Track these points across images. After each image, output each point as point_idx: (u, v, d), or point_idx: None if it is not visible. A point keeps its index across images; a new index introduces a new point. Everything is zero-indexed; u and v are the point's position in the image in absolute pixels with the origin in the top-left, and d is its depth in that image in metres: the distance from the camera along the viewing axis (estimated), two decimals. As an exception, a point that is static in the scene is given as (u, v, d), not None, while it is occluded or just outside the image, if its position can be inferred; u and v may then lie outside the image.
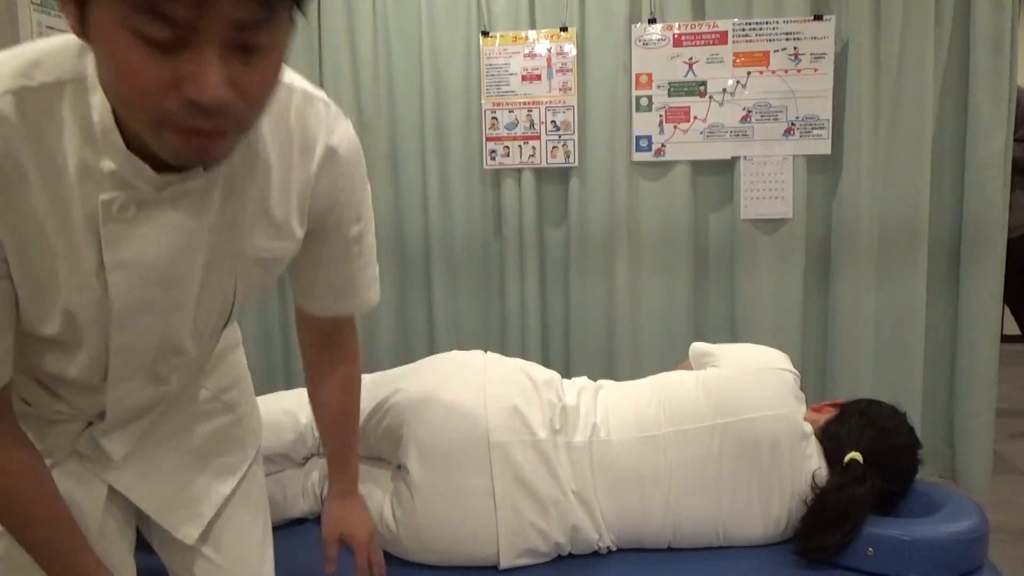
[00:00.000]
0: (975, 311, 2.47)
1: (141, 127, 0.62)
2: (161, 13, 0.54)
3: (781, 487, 1.41)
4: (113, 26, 0.56)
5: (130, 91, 0.59)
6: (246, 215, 0.80)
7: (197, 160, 0.67)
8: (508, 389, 1.44)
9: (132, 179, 0.69)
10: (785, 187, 2.56)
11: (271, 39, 0.60)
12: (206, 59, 0.57)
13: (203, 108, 0.58)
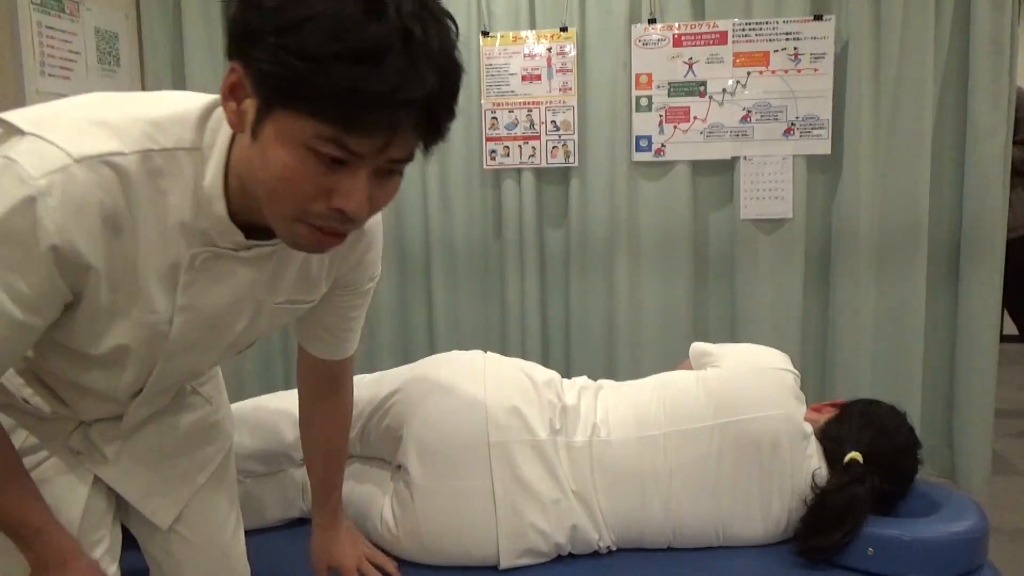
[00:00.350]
0: (975, 311, 2.47)
1: (275, 216, 0.72)
2: (345, 145, 0.65)
3: (781, 487, 1.41)
4: (293, 138, 0.65)
5: (286, 191, 0.68)
6: (289, 273, 0.91)
7: (317, 248, 0.76)
8: (508, 389, 1.44)
9: (220, 239, 0.80)
10: (785, 187, 2.56)
11: (402, 169, 0.72)
12: (360, 179, 0.68)
13: (347, 217, 0.69)
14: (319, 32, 0.61)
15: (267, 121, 0.67)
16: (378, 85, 0.62)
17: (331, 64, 0.61)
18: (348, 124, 0.64)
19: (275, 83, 0.65)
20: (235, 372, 2.91)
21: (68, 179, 0.69)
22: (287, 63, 0.62)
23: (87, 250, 0.72)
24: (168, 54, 2.89)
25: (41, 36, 2.39)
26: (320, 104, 0.63)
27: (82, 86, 2.57)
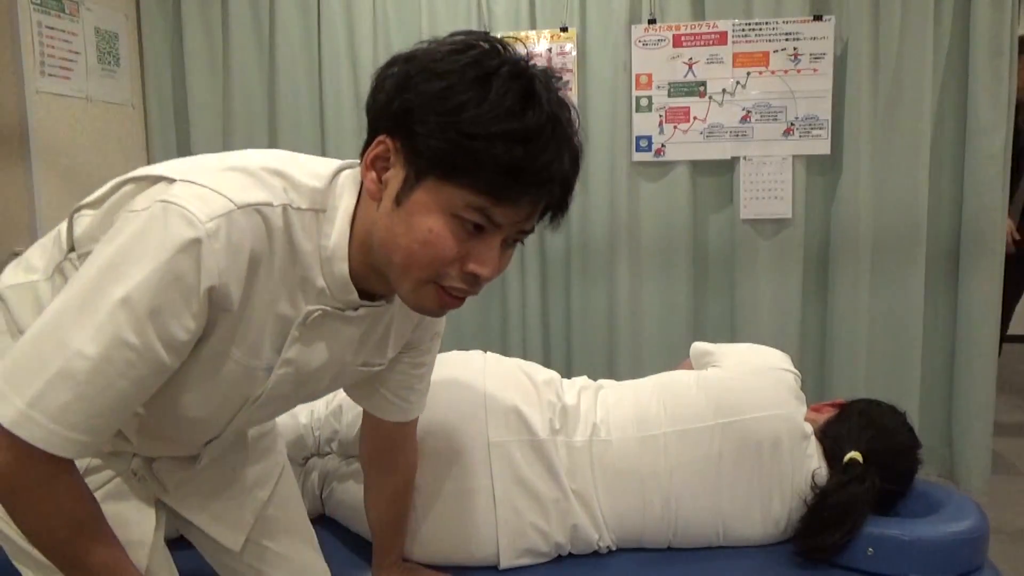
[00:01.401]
0: (974, 311, 2.48)
1: (404, 277, 0.77)
2: (491, 216, 0.73)
3: (781, 487, 1.41)
4: (442, 206, 0.73)
5: (427, 255, 0.74)
6: (375, 337, 0.96)
7: (439, 312, 0.82)
8: (508, 389, 1.44)
9: (334, 299, 0.84)
10: (785, 187, 2.56)
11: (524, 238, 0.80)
12: (494, 247, 0.76)
13: (478, 280, 0.77)
14: (486, 115, 0.70)
15: (417, 190, 0.74)
16: (534, 163, 0.71)
17: (497, 142, 0.70)
18: (500, 197, 0.72)
19: (437, 156, 0.72)
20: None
21: (231, 223, 0.73)
22: (453, 140, 0.70)
23: (235, 293, 0.76)
24: (168, 54, 2.89)
25: (41, 36, 2.39)
26: (479, 177, 0.71)
27: (82, 86, 2.57)
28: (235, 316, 0.78)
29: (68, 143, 2.51)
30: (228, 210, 0.73)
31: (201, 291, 0.73)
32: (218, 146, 2.86)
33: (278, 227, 0.78)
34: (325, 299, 0.84)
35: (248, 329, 0.81)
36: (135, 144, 2.85)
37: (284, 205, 0.78)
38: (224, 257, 0.73)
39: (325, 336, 0.87)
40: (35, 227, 2.38)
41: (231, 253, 0.73)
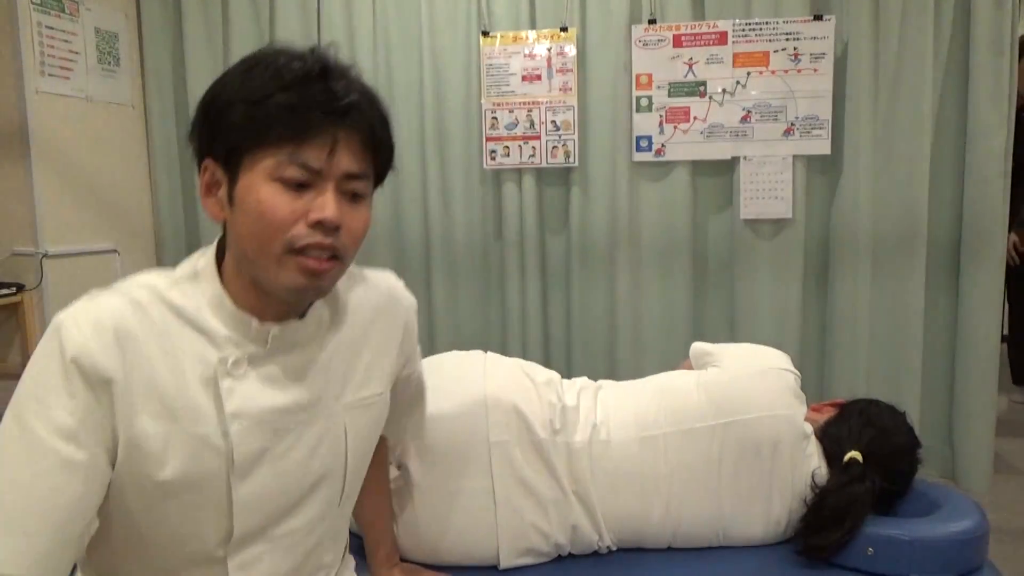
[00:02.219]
0: (975, 311, 2.47)
1: (267, 261, 0.79)
2: (302, 162, 0.77)
3: (781, 487, 1.41)
4: (260, 178, 0.78)
5: (269, 225, 0.78)
6: (338, 366, 0.93)
7: (312, 284, 0.81)
8: (508, 389, 1.44)
9: (241, 338, 0.84)
10: (785, 187, 2.56)
11: (365, 191, 0.84)
12: (328, 194, 0.79)
13: (324, 225, 0.78)
14: (259, 78, 0.79)
15: (238, 181, 0.79)
16: (308, 98, 0.77)
17: (273, 97, 0.77)
18: (296, 140, 0.77)
19: (234, 135, 0.79)
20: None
21: (91, 304, 0.79)
22: (242, 112, 0.78)
23: (107, 362, 0.77)
24: (168, 54, 2.89)
25: (41, 36, 2.40)
26: (271, 130, 0.77)
27: (82, 86, 2.57)
28: (130, 388, 0.78)
29: (68, 143, 2.51)
30: (88, 297, 0.80)
31: (67, 362, 0.75)
32: (218, 146, 2.87)
33: (148, 301, 0.82)
34: (238, 344, 0.84)
35: (164, 396, 0.80)
36: (135, 144, 2.85)
37: (150, 286, 0.84)
38: (87, 330, 0.77)
39: (264, 381, 0.86)
40: (35, 227, 2.38)
41: (93, 326, 0.77)
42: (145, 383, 0.79)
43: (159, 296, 0.83)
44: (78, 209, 2.56)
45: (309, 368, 0.89)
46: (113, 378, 0.77)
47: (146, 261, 2.88)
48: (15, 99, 2.34)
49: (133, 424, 0.78)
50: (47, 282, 2.39)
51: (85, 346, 0.76)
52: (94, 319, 0.77)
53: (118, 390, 0.78)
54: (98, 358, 0.76)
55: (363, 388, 0.96)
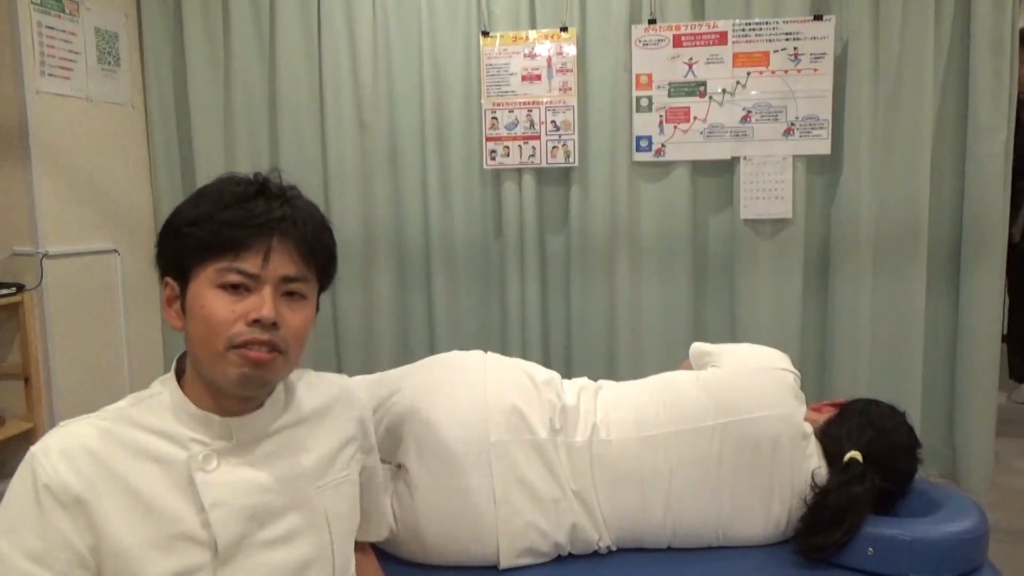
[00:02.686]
0: (975, 311, 2.47)
1: (213, 359, 0.87)
2: (238, 268, 0.87)
3: (781, 487, 1.41)
4: (205, 286, 0.87)
5: (212, 326, 0.86)
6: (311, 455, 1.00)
7: (256, 374, 0.88)
8: (508, 389, 1.44)
9: (206, 436, 0.91)
10: (785, 187, 2.56)
11: (304, 292, 0.92)
12: (265, 295, 0.88)
13: (261, 323, 0.87)
14: (207, 203, 0.89)
15: (188, 291, 0.89)
16: (244, 215, 0.88)
17: (216, 215, 0.88)
18: (235, 250, 0.87)
19: (184, 253, 0.89)
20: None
21: (55, 436, 0.86)
22: (191, 233, 0.88)
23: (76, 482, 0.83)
24: (168, 54, 2.89)
25: (41, 36, 2.40)
26: (212, 244, 0.87)
27: (82, 86, 2.57)
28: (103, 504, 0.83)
29: (68, 143, 2.51)
30: (57, 427, 0.87)
31: (39, 488, 0.82)
32: (219, 146, 2.87)
33: (113, 422, 0.88)
34: (204, 443, 0.90)
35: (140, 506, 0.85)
36: (135, 144, 2.85)
37: (114, 410, 0.90)
38: (55, 456, 0.83)
39: (236, 472, 0.91)
40: (35, 227, 2.38)
41: (62, 451, 0.84)
42: (119, 497, 0.85)
43: (123, 417, 0.90)
44: (78, 209, 2.56)
45: (277, 455, 0.96)
46: (85, 497, 0.83)
47: (146, 261, 2.88)
48: (15, 99, 2.34)
49: (111, 535, 0.83)
50: (47, 282, 2.39)
51: (55, 470, 0.83)
52: (63, 446, 0.85)
53: (92, 508, 0.83)
54: (68, 480, 0.83)
55: (331, 471, 1.02)
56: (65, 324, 2.48)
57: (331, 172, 2.82)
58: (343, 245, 2.87)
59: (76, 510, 0.82)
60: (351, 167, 2.81)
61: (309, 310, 0.94)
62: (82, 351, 2.56)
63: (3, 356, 2.41)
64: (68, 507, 0.82)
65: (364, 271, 2.83)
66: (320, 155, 2.85)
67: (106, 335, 2.67)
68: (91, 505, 0.83)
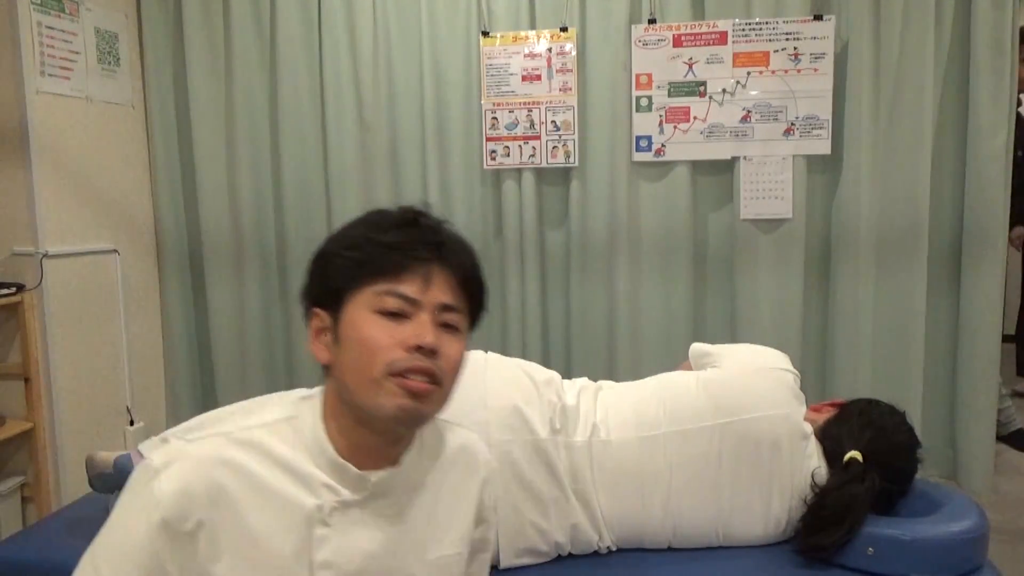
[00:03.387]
0: (976, 311, 2.47)
1: (369, 389, 0.82)
2: (398, 292, 0.83)
3: (781, 487, 1.41)
4: (363, 312, 0.83)
5: (370, 354, 0.81)
6: (421, 521, 0.93)
7: (413, 407, 0.82)
8: (508, 388, 1.44)
9: (338, 485, 0.86)
10: (785, 187, 2.56)
11: (458, 325, 0.87)
12: (424, 322, 0.83)
13: (423, 349, 0.82)
14: (361, 228, 0.87)
15: (342, 320, 0.84)
16: (405, 238, 0.85)
17: (375, 237, 0.85)
18: (395, 272, 0.83)
19: (338, 279, 0.85)
20: (238, 372, 2.91)
21: (182, 460, 0.81)
22: (349, 256, 0.85)
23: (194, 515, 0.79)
24: (168, 54, 2.89)
25: (41, 36, 2.39)
26: (369, 269, 0.84)
27: (82, 86, 2.57)
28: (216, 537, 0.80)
29: (68, 143, 2.51)
30: (185, 443, 0.82)
31: (154, 522, 0.78)
32: (220, 146, 2.87)
33: (246, 450, 0.84)
34: (334, 491, 0.86)
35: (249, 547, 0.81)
36: (135, 144, 2.85)
37: (247, 431, 0.85)
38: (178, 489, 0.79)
39: (354, 530, 0.86)
40: (35, 227, 2.38)
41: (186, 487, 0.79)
42: (233, 533, 0.81)
43: (255, 443, 0.85)
44: (78, 209, 2.56)
45: (397, 519, 0.90)
46: (199, 532, 0.79)
47: (146, 261, 2.88)
48: (15, 99, 2.34)
49: (210, 571, 0.80)
50: (47, 282, 2.39)
51: (177, 506, 0.78)
52: (188, 480, 0.79)
53: (203, 540, 0.80)
54: (187, 515, 0.79)
55: (441, 546, 0.95)
56: (65, 324, 2.48)
57: (332, 172, 2.82)
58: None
59: (188, 541, 0.79)
60: (352, 167, 2.81)
61: (463, 345, 0.88)
62: (82, 351, 2.56)
63: (3, 356, 2.41)
64: (179, 539, 0.79)
65: (364, 271, 2.82)
66: (321, 155, 2.84)
67: (106, 335, 2.67)
68: (204, 537, 0.80)
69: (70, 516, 1.64)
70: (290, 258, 2.89)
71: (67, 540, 1.50)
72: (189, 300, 2.98)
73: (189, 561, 0.79)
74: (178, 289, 2.93)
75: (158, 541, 0.78)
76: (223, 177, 2.87)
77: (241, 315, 2.89)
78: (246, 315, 2.89)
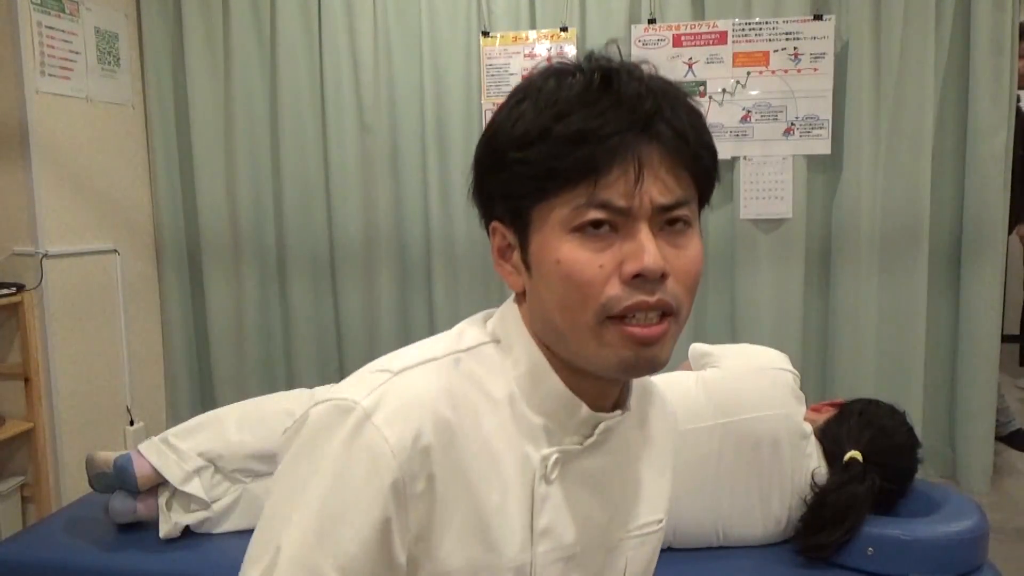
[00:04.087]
0: (975, 311, 2.47)
1: (583, 336, 0.63)
2: (603, 202, 0.61)
3: (781, 486, 1.41)
4: (557, 232, 0.62)
5: (578, 289, 0.62)
6: (632, 487, 0.76)
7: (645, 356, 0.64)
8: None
9: (559, 429, 0.68)
10: (785, 187, 2.56)
11: (689, 218, 0.65)
12: (642, 236, 0.61)
13: (646, 277, 0.61)
14: (535, 110, 0.63)
15: (531, 244, 0.65)
16: (593, 122, 0.61)
17: (550, 131, 0.62)
18: (590, 177, 0.61)
19: (517, 189, 0.64)
20: (237, 372, 2.91)
21: (401, 397, 0.63)
22: (518, 159, 0.63)
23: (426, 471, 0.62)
24: (168, 54, 2.89)
25: (41, 36, 2.39)
26: (556, 175, 0.62)
27: (82, 86, 2.57)
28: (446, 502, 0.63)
29: (68, 143, 2.51)
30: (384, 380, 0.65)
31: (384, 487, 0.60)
32: (219, 146, 2.87)
33: (460, 381, 0.66)
34: (554, 438, 0.68)
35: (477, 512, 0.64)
36: (135, 144, 2.85)
37: (452, 354, 0.68)
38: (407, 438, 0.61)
39: (577, 489, 0.69)
40: (35, 227, 2.38)
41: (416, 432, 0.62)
42: (463, 496, 0.64)
43: (468, 374, 0.67)
44: (78, 209, 2.56)
45: (609, 479, 0.73)
46: (430, 494, 0.62)
47: (146, 261, 2.88)
48: (15, 99, 2.34)
49: (436, 550, 0.63)
50: (47, 282, 2.39)
51: (408, 463, 0.60)
52: (418, 421, 0.62)
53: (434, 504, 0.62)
54: (420, 470, 0.61)
55: (645, 513, 0.77)
56: (65, 324, 2.48)
57: (332, 172, 2.82)
58: (344, 246, 2.89)
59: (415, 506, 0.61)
60: (352, 167, 2.81)
61: (698, 243, 0.66)
62: (82, 351, 2.56)
63: (3, 356, 2.41)
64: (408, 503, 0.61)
65: (366, 272, 2.82)
66: (320, 155, 2.84)
67: (106, 335, 2.67)
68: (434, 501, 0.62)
69: (70, 516, 1.64)
70: (290, 258, 2.89)
71: (67, 540, 1.50)
72: (189, 300, 2.98)
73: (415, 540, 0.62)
74: (178, 289, 2.93)
75: (389, 512, 0.60)
76: (223, 177, 2.87)
77: (241, 315, 2.89)
78: (245, 315, 2.89)
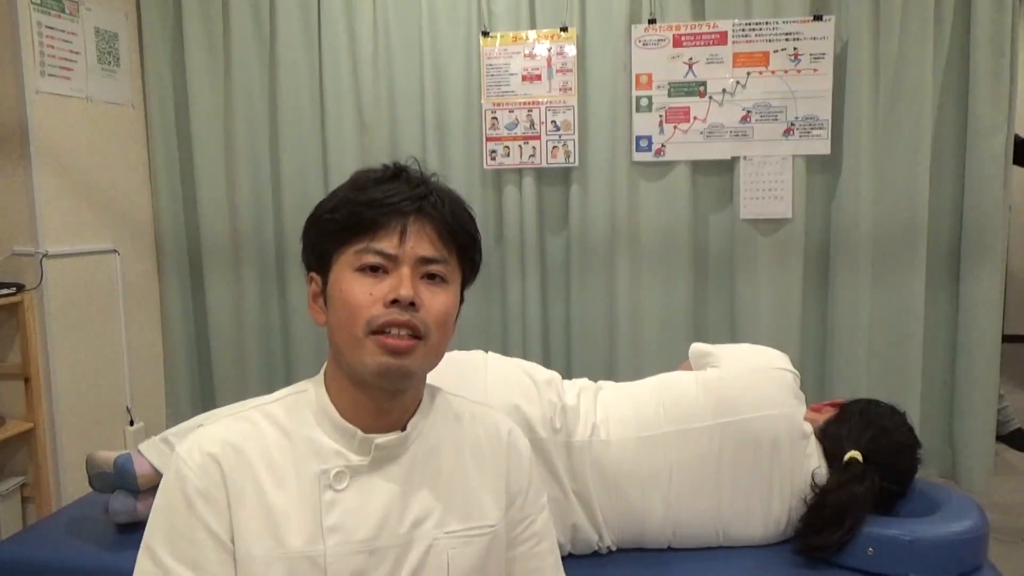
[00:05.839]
0: (975, 311, 2.47)
1: (353, 346, 0.84)
2: (375, 248, 0.84)
3: (781, 487, 1.41)
4: (344, 273, 0.85)
5: (352, 311, 0.83)
6: (446, 494, 0.92)
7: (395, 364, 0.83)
8: (508, 388, 1.44)
9: (344, 449, 0.87)
10: (785, 187, 2.56)
11: (445, 276, 0.88)
12: (403, 274, 0.84)
13: (400, 302, 0.82)
14: (344, 190, 0.88)
15: (330, 281, 0.87)
16: (381, 195, 0.86)
17: (353, 198, 0.86)
18: (372, 230, 0.84)
19: (323, 241, 0.87)
20: (237, 372, 2.91)
21: (196, 437, 0.85)
22: (331, 218, 0.87)
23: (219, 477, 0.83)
24: (168, 54, 2.89)
25: (41, 36, 2.39)
26: (350, 226, 0.85)
27: (82, 86, 2.57)
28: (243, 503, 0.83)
29: (68, 143, 2.51)
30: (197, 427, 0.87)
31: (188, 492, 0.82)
32: (219, 146, 2.87)
33: (258, 418, 0.88)
34: (340, 455, 0.87)
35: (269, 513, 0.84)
36: (135, 144, 2.85)
37: (258, 405, 0.90)
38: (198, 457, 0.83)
39: (363, 495, 0.87)
40: (35, 227, 2.38)
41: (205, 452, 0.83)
42: (253, 499, 0.84)
43: (266, 413, 0.89)
44: (78, 209, 2.56)
45: (410, 485, 0.89)
46: (227, 496, 0.83)
47: (146, 261, 2.88)
48: (15, 99, 2.34)
49: (240, 538, 0.83)
50: (47, 282, 2.39)
51: (203, 471, 0.83)
52: (205, 446, 0.84)
53: (233, 506, 0.83)
54: (212, 477, 0.83)
55: (468, 518, 0.92)
56: (65, 324, 2.48)
57: (331, 172, 2.82)
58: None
59: (221, 508, 0.82)
60: (351, 167, 2.78)
61: (451, 296, 0.90)
62: (82, 351, 2.56)
63: (3, 356, 2.41)
64: (213, 503, 0.82)
65: (364, 271, 2.82)
66: (320, 155, 2.84)
67: (106, 335, 2.67)
68: (233, 503, 0.83)
69: (70, 516, 1.64)
70: (289, 258, 2.89)
71: (67, 540, 1.50)
72: (189, 300, 2.98)
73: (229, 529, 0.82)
74: (178, 289, 2.93)
75: (199, 510, 0.81)
76: (223, 177, 2.87)
77: (240, 315, 2.89)
78: (245, 315, 2.89)
